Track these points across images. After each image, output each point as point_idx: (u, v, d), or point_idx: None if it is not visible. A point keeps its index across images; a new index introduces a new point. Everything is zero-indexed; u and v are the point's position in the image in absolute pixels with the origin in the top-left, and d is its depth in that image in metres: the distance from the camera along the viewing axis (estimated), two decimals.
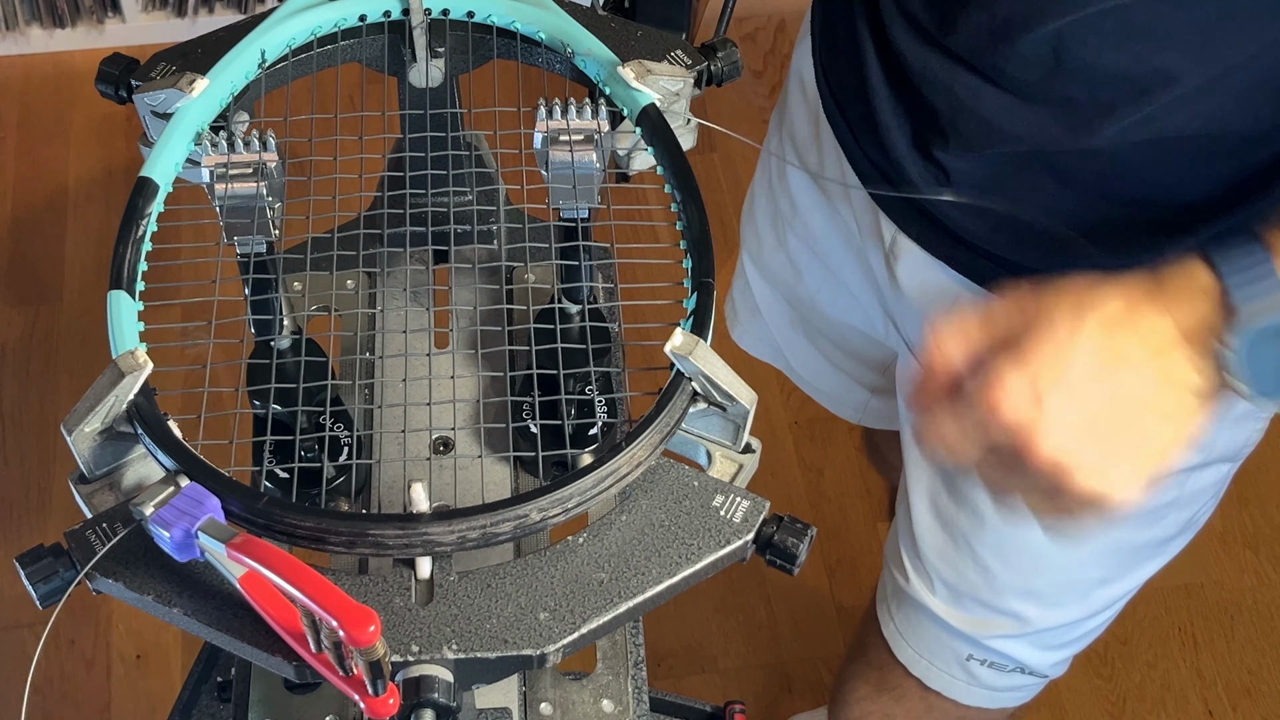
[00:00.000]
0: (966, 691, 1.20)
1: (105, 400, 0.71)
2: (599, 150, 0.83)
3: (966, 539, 1.09)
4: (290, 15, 0.89)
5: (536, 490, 0.70)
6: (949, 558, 1.12)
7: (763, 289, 1.28)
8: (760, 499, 0.74)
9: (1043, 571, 1.08)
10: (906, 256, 1.01)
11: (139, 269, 0.78)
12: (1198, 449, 0.99)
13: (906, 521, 1.15)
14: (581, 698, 0.93)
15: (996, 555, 1.09)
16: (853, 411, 1.34)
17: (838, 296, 1.19)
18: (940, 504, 1.10)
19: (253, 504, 0.69)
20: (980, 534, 1.08)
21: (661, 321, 0.78)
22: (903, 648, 1.22)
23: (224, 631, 0.69)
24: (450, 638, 0.69)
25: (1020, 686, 1.20)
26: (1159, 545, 1.07)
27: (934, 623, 1.17)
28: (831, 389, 1.32)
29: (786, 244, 1.20)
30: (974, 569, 1.10)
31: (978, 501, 1.07)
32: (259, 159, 0.81)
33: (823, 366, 1.30)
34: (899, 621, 1.22)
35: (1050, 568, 1.08)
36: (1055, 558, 1.07)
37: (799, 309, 1.25)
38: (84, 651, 1.86)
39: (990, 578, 1.10)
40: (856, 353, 1.25)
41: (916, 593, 1.16)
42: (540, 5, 0.90)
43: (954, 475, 1.08)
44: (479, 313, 0.93)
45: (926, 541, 1.13)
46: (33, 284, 2.18)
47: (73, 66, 2.42)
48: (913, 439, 1.13)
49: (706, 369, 0.73)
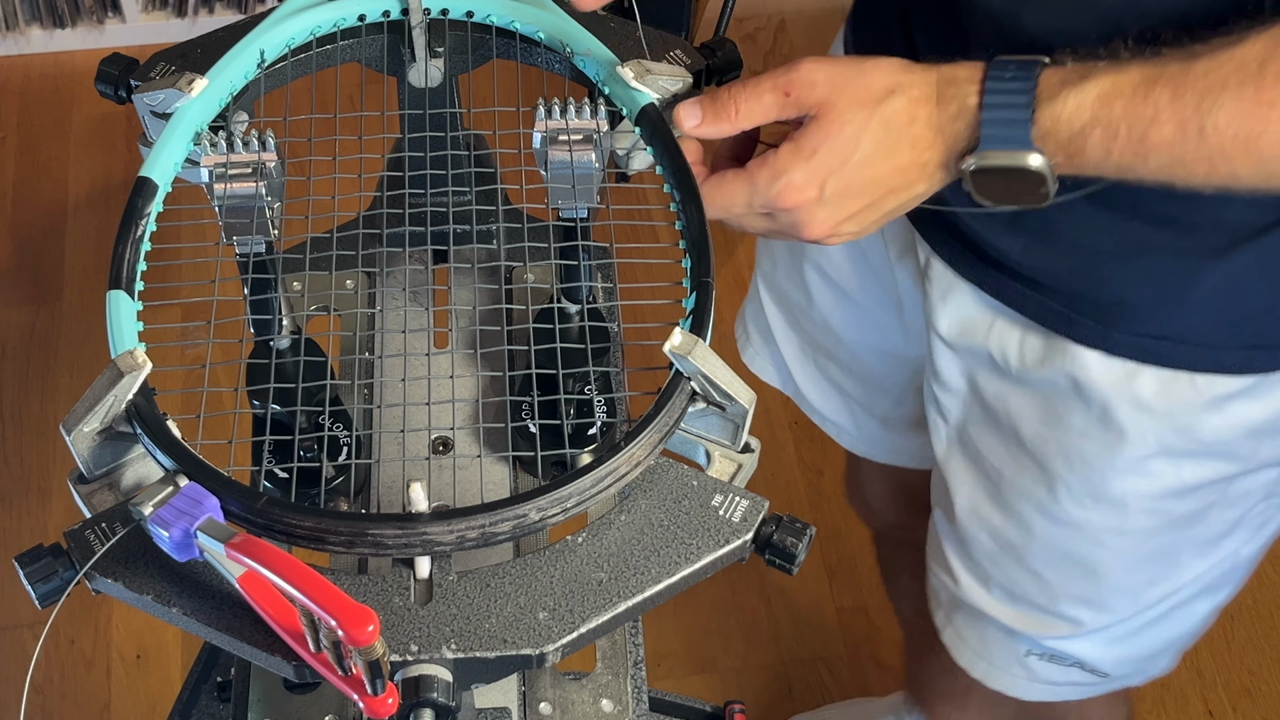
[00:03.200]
0: (1027, 688, 1.20)
1: (104, 400, 0.71)
2: (598, 150, 0.83)
3: (1015, 547, 1.10)
4: (289, 15, 0.89)
5: (535, 490, 0.70)
6: (1001, 563, 1.12)
7: (775, 312, 1.27)
8: (759, 498, 0.74)
9: (1091, 578, 1.08)
10: (939, 279, 1.02)
11: (138, 269, 0.78)
12: (1238, 459, 0.99)
13: (948, 528, 1.15)
14: (581, 697, 0.93)
15: (1047, 564, 1.09)
16: (860, 442, 1.33)
17: (854, 318, 1.18)
18: (984, 513, 1.10)
19: (252, 504, 0.69)
20: (1030, 545, 1.08)
21: (661, 321, 0.78)
22: (962, 650, 1.22)
23: (223, 631, 0.69)
24: (449, 637, 0.69)
25: (1080, 682, 1.19)
26: (1205, 544, 1.07)
27: (990, 624, 1.16)
28: (839, 418, 1.31)
29: (802, 266, 1.20)
30: (1027, 575, 1.11)
31: (1024, 512, 1.07)
32: (258, 159, 0.81)
33: (831, 394, 1.29)
34: (957, 625, 1.21)
35: (1098, 574, 1.08)
36: (1102, 565, 1.07)
37: (810, 333, 1.25)
38: (84, 651, 1.86)
39: (1043, 583, 1.10)
40: (868, 377, 1.25)
41: (970, 596, 1.16)
42: (540, 5, 0.91)
43: (996, 486, 1.08)
44: (478, 313, 0.93)
45: (977, 547, 1.13)
46: (33, 284, 2.18)
47: (73, 66, 2.43)
48: (940, 464, 1.13)
49: (705, 368, 0.73)
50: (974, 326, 1.01)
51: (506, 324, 0.91)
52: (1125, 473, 1.00)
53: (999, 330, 1.00)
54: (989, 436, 1.07)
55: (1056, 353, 0.97)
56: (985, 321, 1.01)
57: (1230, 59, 0.74)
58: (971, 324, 1.01)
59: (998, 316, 1.00)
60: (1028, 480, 1.05)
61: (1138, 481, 1.01)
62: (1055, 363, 0.98)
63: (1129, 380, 0.96)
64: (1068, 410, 1.00)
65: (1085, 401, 0.98)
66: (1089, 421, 0.99)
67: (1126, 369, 0.95)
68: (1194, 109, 0.75)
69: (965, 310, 1.01)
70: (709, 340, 0.75)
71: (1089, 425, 0.99)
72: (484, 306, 0.93)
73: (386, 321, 0.92)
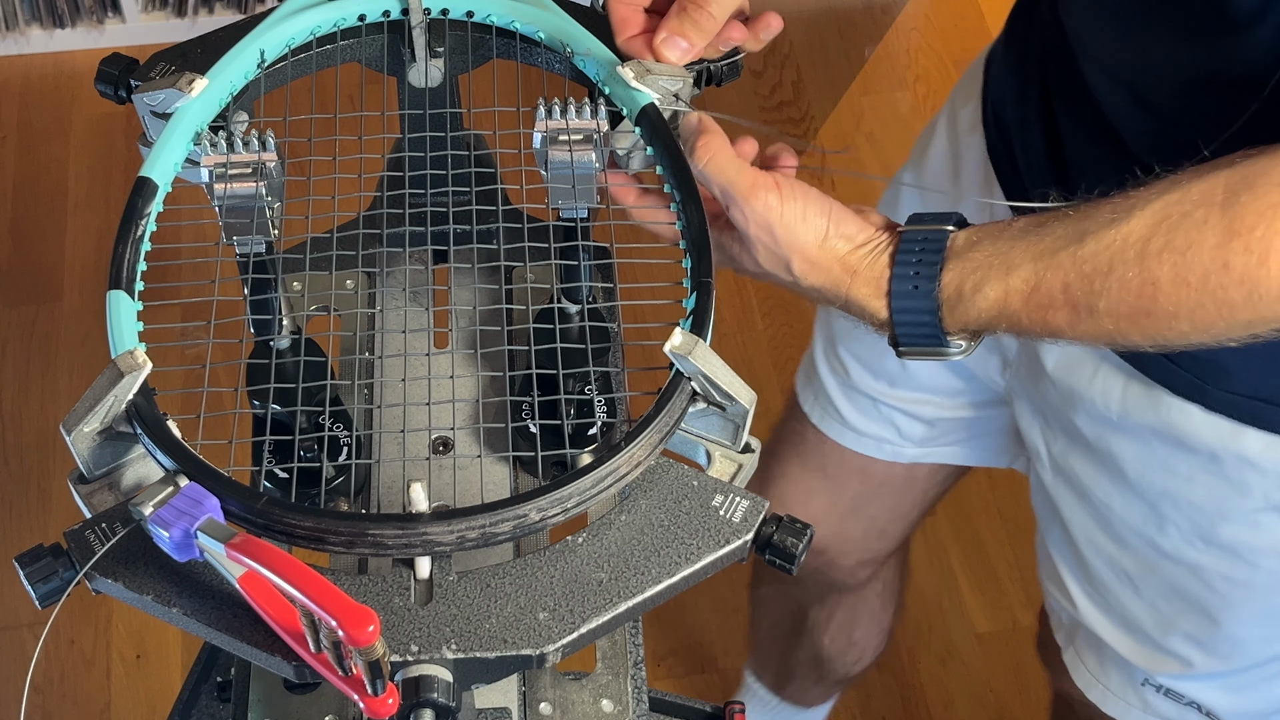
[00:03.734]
0: (1141, 719, 1.19)
1: (104, 400, 0.71)
2: (598, 150, 0.83)
3: (1131, 577, 1.09)
4: (289, 15, 0.89)
5: (536, 490, 0.70)
6: (1117, 591, 1.11)
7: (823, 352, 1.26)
8: (760, 499, 0.74)
9: (1205, 619, 1.07)
10: None
11: (138, 269, 0.78)
12: None
13: (1065, 550, 1.14)
14: (581, 697, 0.93)
15: (1160, 596, 1.08)
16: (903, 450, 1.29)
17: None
18: (1099, 542, 1.09)
19: (252, 504, 0.69)
20: (1146, 576, 1.07)
21: (661, 321, 0.77)
22: (1080, 672, 1.21)
23: (224, 631, 0.69)
24: (449, 637, 0.69)
25: None
26: None
27: (1108, 649, 1.16)
28: (881, 430, 1.27)
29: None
30: (1142, 605, 1.10)
31: (1137, 546, 1.06)
32: (258, 159, 0.81)
33: (869, 408, 1.26)
34: (1078, 645, 1.20)
35: (1213, 618, 1.07)
36: (1215, 609, 1.06)
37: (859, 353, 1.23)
38: (84, 651, 1.86)
39: (1158, 614, 1.09)
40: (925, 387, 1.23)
41: (1088, 619, 1.15)
42: (540, 5, 0.90)
43: (1106, 519, 1.07)
44: (478, 313, 0.93)
45: (1094, 572, 1.12)
46: (33, 284, 2.18)
47: (73, 66, 2.42)
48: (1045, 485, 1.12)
49: (706, 368, 0.73)
50: (1079, 368, 1.01)
51: (506, 324, 0.91)
52: (1235, 523, 0.99)
53: (1103, 376, 0.99)
54: (1094, 472, 1.06)
55: (1160, 403, 0.97)
56: (1090, 365, 1.00)
57: (1115, 239, 0.77)
58: (1079, 364, 1.01)
59: (1102, 362, 0.99)
60: (1137, 517, 1.04)
61: (1249, 533, 0.99)
62: (1160, 413, 0.97)
63: (1234, 437, 0.95)
64: (1172, 458, 0.99)
65: (1191, 452, 0.97)
66: (1195, 469, 0.98)
67: (1231, 426, 0.94)
68: (1084, 293, 0.78)
69: (1073, 349, 1.00)
70: (709, 340, 0.75)
71: (1195, 473, 0.98)
72: (484, 306, 0.93)
73: (386, 321, 0.92)
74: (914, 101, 2.41)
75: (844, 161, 0.86)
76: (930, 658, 1.90)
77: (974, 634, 1.92)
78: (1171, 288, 0.76)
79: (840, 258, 0.83)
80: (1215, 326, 0.78)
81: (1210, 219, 0.75)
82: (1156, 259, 0.76)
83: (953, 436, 1.26)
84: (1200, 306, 0.76)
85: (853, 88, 2.43)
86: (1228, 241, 0.74)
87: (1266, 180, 0.74)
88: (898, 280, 0.82)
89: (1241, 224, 0.74)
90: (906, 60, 2.47)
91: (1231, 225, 0.74)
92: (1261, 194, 0.74)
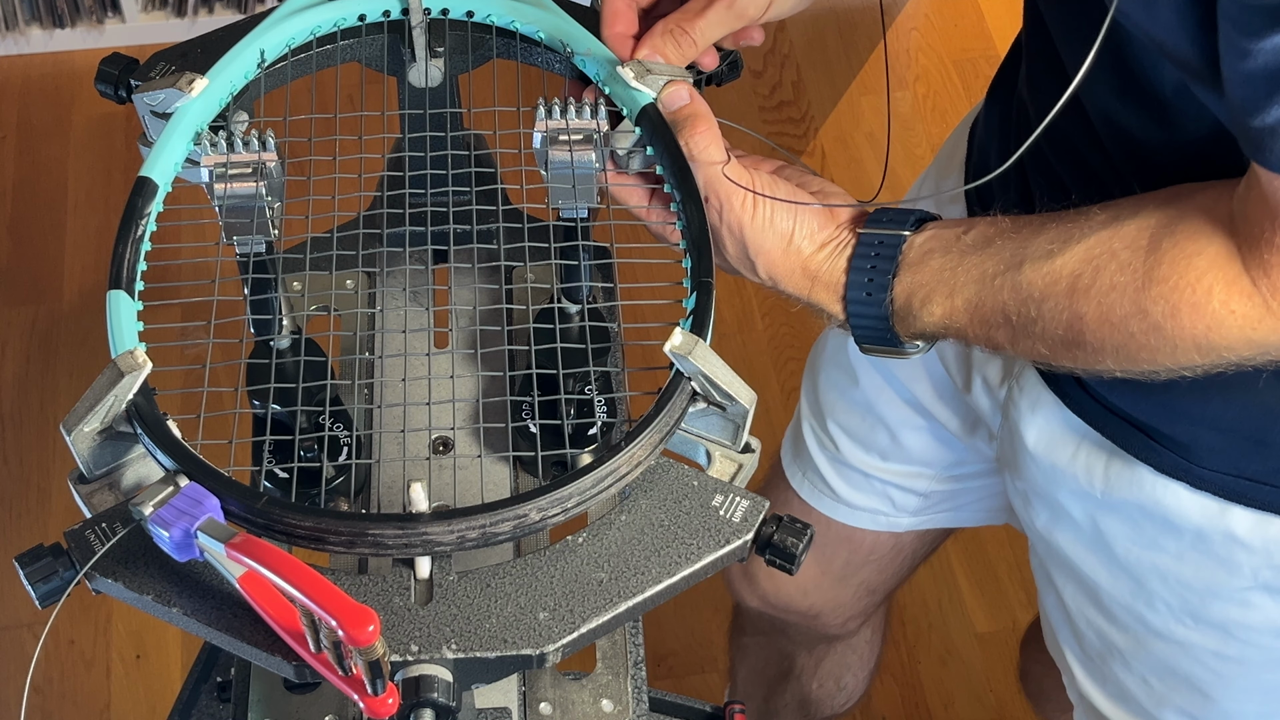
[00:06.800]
0: None
1: (104, 400, 0.71)
2: (598, 150, 0.83)
3: (1122, 652, 1.07)
4: (289, 15, 0.89)
5: (536, 490, 0.70)
6: (1110, 663, 1.10)
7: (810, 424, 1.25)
8: (760, 499, 0.74)
9: (1198, 697, 1.06)
10: (1030, 389, 0.99)
11: (138, 269, 0.78)
12: None
13: (1061, 619, 1.13)
14: (581, 697, 0.93)
15: (1152, 672, 1.07)
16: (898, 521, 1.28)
17: (920, 425, 1.17)
18: (1089, 615, 1.08)
19: (252, 504, 0.69)
20: (1136, 651, 1.06)
21: (661, 321, 0.78)
22: None
23: (224, 631, 0.69)
24: (450, 637, 0.69)
25: None
26: None
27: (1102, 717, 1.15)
28: (872, 503, 1.26)
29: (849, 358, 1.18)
30: (1134, 680, 1.09)
31: (1126, 621, 1.05)
32: (258, 159, 0.81)
33: (861, 481, 1.25)
34: (1079, 711, 1.20)
35: (1206, 695, 1.05)
36: (1208, 686, 1.04)
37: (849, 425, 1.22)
38: (84, 651, 1.86)
39: (1150, 690, 1.08)
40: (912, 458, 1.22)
41: (1085, 689, 1.14)
42: (540, 5, 0.90)
43: (1095, 593, 1.06)
44: (478, 313, 0.93)
45: (1087, 644, 1.11)
46: (33, 284, 2.18)
47: (73, 66, 2.42)
48: (1039, 554, 1.11)
49: (706, 368, 0.73)
50: (1061, 444, 0.99)
51: (507, 324, 0.91)
52: (1225, 601, 0.97)
53: (1085, 453, 0.98)
54: (1080, 548, 1.04)
55: (1144, 481, 0.95)
56: (1072, 441, 0.98)
57: (1049, 271, 0.80)
58: (1060, 441, 0.99)
59: (1083, 439, 0.97)
60: (1125, 593, 1.03)
61: (1239, 612, 0.98)
62: (1144, 490, 0.95)
63: (1221, 515, 0.93)
64: (1159, 535, 0.97)
65: (1177, 530, 0.95)
66: (1183, 547, 0.96)
67: (1217, 504, 0.93)
68: (1020, 317, 0.81)
69: (1053, 425, 0.99)
70: (709, 340, 0.75)
71: (1183, 550, 0.96)
72: (484, 306, 0.93)
73: (386, 321, 0.92)
74: (914, 101, 2.40)
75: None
76: (930, 658, 1.90)
77: (974, 634, 1.92)
78: (1096, 325, 0.78)
79: (803, 262, 0.86)
80: (1140, 365, 0.80)
81: (1134, 263, 0.77)
82: (1084, 296, 0.78)
83: (947, 504, 1.25)
84: (1123, 346, 0.79)
85: (853, 88, 2.43)
86: (1146, 289, 0.76)
87: (1187, 227, 0.76)
88: (852, 287, 0.85)
89: (1158, 272, 0.76)
90: (906, 60, 2.46)
91: (1151, 272, 0.76)
92: (1182, 240, 0.76)
